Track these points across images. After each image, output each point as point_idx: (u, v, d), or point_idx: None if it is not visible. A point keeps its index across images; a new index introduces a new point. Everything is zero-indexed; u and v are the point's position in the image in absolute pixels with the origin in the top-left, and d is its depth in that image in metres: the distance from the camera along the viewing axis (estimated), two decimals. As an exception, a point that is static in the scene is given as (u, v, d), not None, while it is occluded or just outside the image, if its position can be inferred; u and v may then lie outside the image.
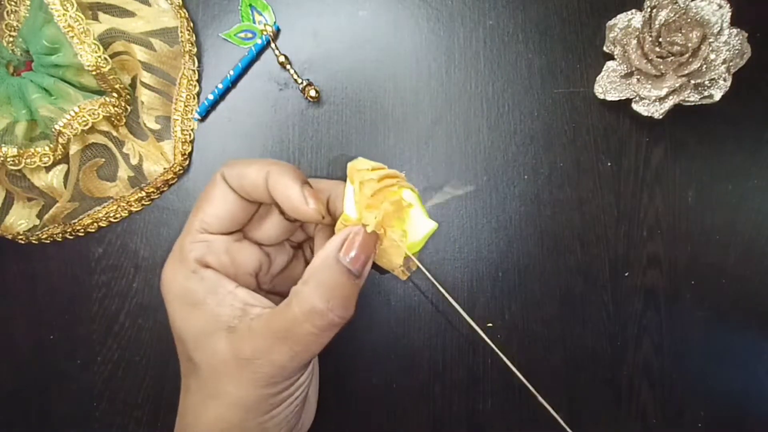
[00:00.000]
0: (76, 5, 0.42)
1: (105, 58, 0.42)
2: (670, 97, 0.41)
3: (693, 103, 0.42)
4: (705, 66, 0.40)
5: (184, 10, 0.46)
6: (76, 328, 0.47)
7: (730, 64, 0.40)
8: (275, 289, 0.36)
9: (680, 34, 0.40)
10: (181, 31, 0.46)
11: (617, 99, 0.43)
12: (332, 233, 0.32)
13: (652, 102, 0.42)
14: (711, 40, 0.40)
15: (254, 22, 0.46)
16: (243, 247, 0.32)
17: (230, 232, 0.32)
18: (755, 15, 0.41)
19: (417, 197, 0.33)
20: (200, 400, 0.29)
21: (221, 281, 0.29)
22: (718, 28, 0.40)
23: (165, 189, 0.47)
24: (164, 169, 0.46)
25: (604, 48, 0.43)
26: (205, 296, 0.29)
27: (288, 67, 0.46)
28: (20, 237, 0.46)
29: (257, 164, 0.30)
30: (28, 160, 0.43)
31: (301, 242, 0.39)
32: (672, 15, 0.41)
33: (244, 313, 0.29)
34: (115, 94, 0.44)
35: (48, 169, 0.45)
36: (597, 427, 0.45)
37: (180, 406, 0.32)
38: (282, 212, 0.33)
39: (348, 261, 0.28)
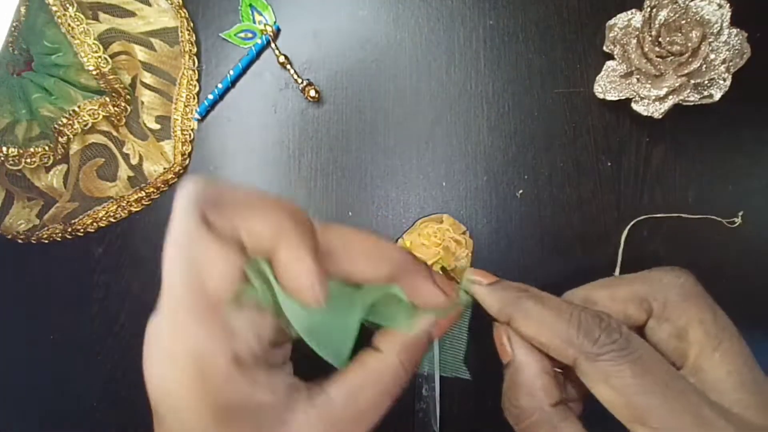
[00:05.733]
0: (76, 5, 0.42)
1: (105, 58, 0.42)
2: (670, 97, 0.41)
3: (693, 103, 0.42)
4: (705, 66, 0.40)
5: (184, 10, 0.46)
6: (76, 328, 0.47)
7: (730, 64, 0.40)
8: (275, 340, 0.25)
9: (680, 34, 0.40)
10: (181, 31, 0.46)
11: (617, 99, 0.43)
12: None
13: (651, 102, 0.42)
14: (711, 39, 0.40)
15: (254, 22, 0.46)
16: (262, 316, 0.23)
17: None
18: (755, 15, 0.41)
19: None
20: None
21: (259, 375, 0.22)
22: (718, 28, 0.40)
23: (165, 189, 0.47)
24: (164, 169, 0.46)
25: (604, 48, 0.43)
26: (245, 401, 0.21)
27: (288, 67, 0.46)
28: (20, 237, 0.46)
29: (264, 214, 0.22)
30: (28, 160, 0.43)
31: None
32: (672, 15, 0.41)
33: (288, 402, 0.22)
34: (115, 94, 0.44)
35: (48, 168, 0.45)
36: (598, 426, 0.45)
37: None
38: None
39: (435, 336, 0.27)
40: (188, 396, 0.20)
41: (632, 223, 0.44)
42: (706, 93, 0.41)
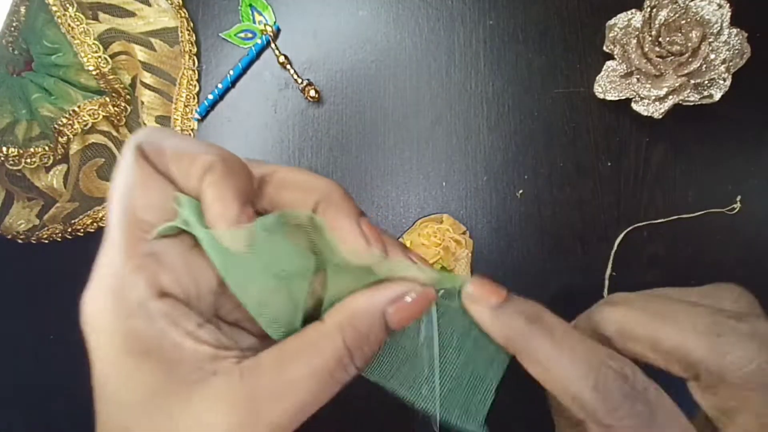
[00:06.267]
0: (76, 5, 0.42)
1: (105, 58, 0.42)
2: (670, 97, 0.41)
3: (693, 103, 0.42)
4: (705, 66, 0.40)
5: (184, 10, 0.46)
6: (76, 328, 0.47)
7: (730, 64, 0.40)
8: (236, 317, 0.23)
9: (680, 34, 0.40)
10: (181, 31, 0.46)
11: (617, 99, 0.43)
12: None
13: (651, 102, 0.42)
14: (711, 39, 0.40)
15: (254, 22, 0.46)
16: (199, 255, 0.21)
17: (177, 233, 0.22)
18: (755, 15, 0.41)
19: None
20: None
21: (181, 317, 0.20)
22: (718, 28, 0.40)
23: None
24: (164, 169, 0.46)
25: (604, 48, 0.43)
26: (160, 341, 0.19)
27: (288, 67, 0.46)
28: (20, 237, 0.46)
29: (194, 149, 0.21)
30: (28, 160, 0.43)
31: None
32: (672, 15, 0.41)
33: (214, 359, 0.20)
34: (115, 94, 0.44)
35: (48, 168, 0.45)
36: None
37: None
38: None
39: (394, 322, 0.22)
40: (103, 321, 0.20)
41: (629, 229, 0.44)
42: (706, 93, 0.41)
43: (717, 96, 0.41)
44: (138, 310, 0.20)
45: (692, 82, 0.41)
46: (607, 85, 0.43)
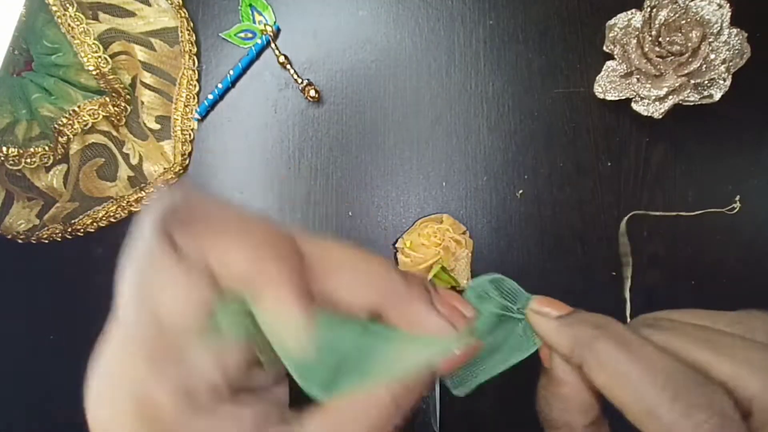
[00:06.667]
0: (76, 5, 0.42)
1: (105, 58, 0.42)
2: (670, 97, 0.41)
3: (693, 103, 0.42)
4: (705, 66, 0.40)
5: (184, 10, 0.46)
6: (76, 328, 0.47)
7: (730, 64, 0.40)
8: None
9: (680, 34, 0.40)
10: (181, 31, 0.46)
11: (617, 98, 0.43)
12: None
13: (651, 102, 0.42)
14: (711, 39, 0.40)
15: (254, 22, 0.46)
16: (228, 346, 0.20)
17: None
18: (755, 15, 0.41)
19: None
20: None
21: (220, 409, 0.19)
22: (718, 28, 0.40)
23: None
24: (164, 169, 0.46)
25: (604, 48, 0.43)
26: None
27: (288, 67, 0.46)
28: (20, 237, 0.46)
29: (239, 242, 0.19)
30: (28, 160, 0.43)
31: None
32: (672, 15, 0.41)
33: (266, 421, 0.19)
34: (115, 94, 0.44)
35: (48, 168, 0.45)
36: None
37: None
38: None
39: (442, 373, 0.21)
40: (121, 425, 0.18)
41: (629, 215, 0.44)
42: (706, 93, 0.41)
43: (717, 96, 0.41)
44: (168, 420, 0.18)
45: (692, 82, 0.41)
46: (607, 85, 0.43)
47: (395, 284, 0.21)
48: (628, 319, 0.43)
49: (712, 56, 0.40)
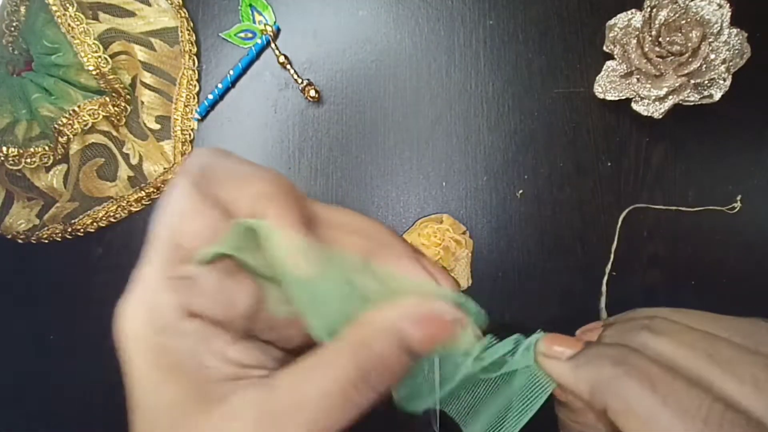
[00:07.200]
0: (76, 5, 0.42)
1: (105, 58, 0.42)
2: (670, 97, 0.41)
3: (693, 103, 0.42)
4: (705, 66, 0.40)
5: (184, 10, 0.46)
6: (76, 328, 0.47)
7: (730, 64, 0.40)
8: (269, 337, 0.24)
9: (680, 34, 0.40)
10: (181, 31, 0.46)
11: (617, 98, 0.43)
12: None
13: (651, 102, 0.42)
14: (711, 39, 0.40)
15: (254, 22, 0.46)
16: (236, 281, 0.22)
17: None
18: (755, 15, 0.41)
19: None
20: None
21: (210, 337, 0.21)
22: (718, 28, 0.40)
23: (165, 189, 0.47)
24: (164, 169, 0.46)
25: (604, 48, 0.43)
26: (187, 358, 0.20)
27: (288, 67, 0.46)
28: (20, 237, 0.46)
29: (248, 179, 0.21)
30: (28, 160, 0.43)
31: None
32: (672, 15, 0.41)
33: (237, 378, 0.21)
34: (115, 94, 0.44)
35: (48, 168, 0.45)
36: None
37: None
38: None
39: (416, 345, 0.20)
40: (137, 334, 0.21)
41: (629, 208, 0.44)
42: (706, 93, 0.41)
43: (717, 96, 0.41)
44: (168, 328, 0.20)
45: (692, 82, 0.41)
46: (607, 85, 0.43)
47: (389, 239, 0.22)
48: (603, 310, 0.43)
49: (712, 56, 0.40)
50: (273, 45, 0.46)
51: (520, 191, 0.45)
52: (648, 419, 0.18)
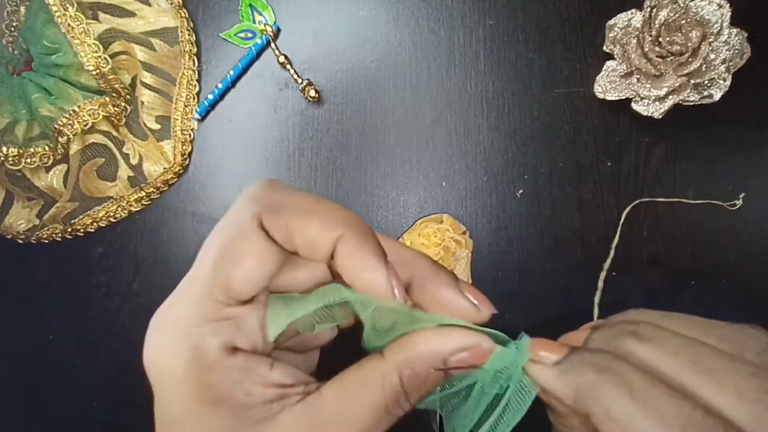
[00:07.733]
0: (76, 5, 0.42)
1: (105, 58, 0.42)
2: (670, 97, 0.41)
3: (693, 103, 0.42)
4: (705, 66, 0.40)
5: (184, 10, 0.46)
6: (76, 328, 0.47)
7: (730, 64, 0.40)
8: (297, 347, 0.26)
9: (680, 34, 0.40)
10: (181, 31, 0.46)
11: (617, 98, 0.43)
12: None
13: (651, 102, 0.42)
14: (711, 39, 0.40)
15: (254, 22, 0.46)
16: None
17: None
18: (755, 15, 0.41)
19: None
20: None
21: (253, 366, 0.21)
22: (718, 28, 0.40)
23: (165, 189, 0.47)
24: (164, 169, 0.46)
25: (604, 48, 0.43)
26: (232, 389, 0.21)
27: (288, 67, 0.46)
28: (20, 237, 0.46)
29: (321, 219, 0.21)
30: (28, 160, 0.43)
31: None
32: (672, 15, 0.41)
33: (281, 398, 0.21)
34: (115, 94, 0.44)
35: (48, 168, 0.45)
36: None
37: None
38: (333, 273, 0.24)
39: (454, 370, 0.22)
40: (176, 371, 0.21)
41: (633, 203, 0.44)
42: (706, 93, 0.41)
43: (717, 96, 0.41)
44: (214, 367, 0.21)
45: (692, 82, 0.41)
46: (607, 85, 0.43)
47: (431, 269, 0.23)
48: (596, 311, 0.43)
49: (712, 56, 0.40)
50: (273, 45, 0.46)
51: (520, 191, 0.45)
52: (628, 426, 0.18)
